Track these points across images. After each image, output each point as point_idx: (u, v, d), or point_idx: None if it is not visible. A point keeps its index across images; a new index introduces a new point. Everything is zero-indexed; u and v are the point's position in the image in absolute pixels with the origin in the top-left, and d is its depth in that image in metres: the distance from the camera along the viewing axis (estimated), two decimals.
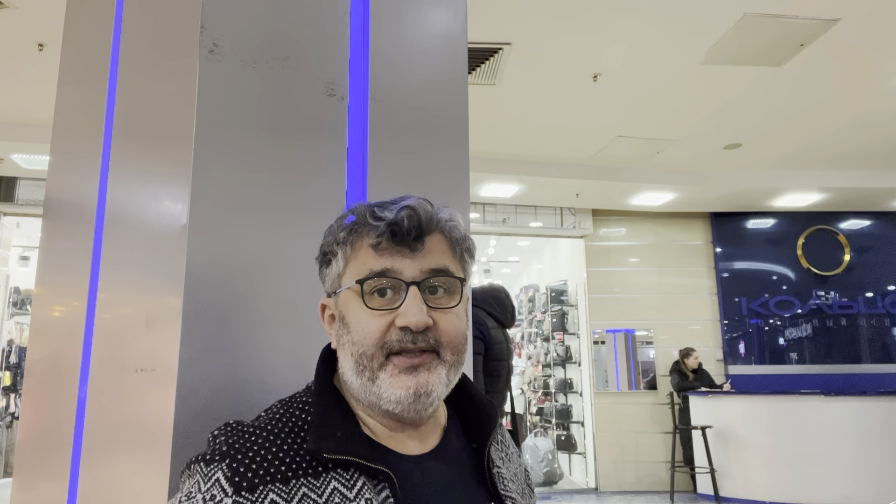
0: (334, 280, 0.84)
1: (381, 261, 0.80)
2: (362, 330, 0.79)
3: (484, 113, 5.59)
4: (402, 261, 0.80)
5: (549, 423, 8.82)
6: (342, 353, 0.82)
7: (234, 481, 0.72)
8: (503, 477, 0.88)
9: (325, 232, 0.88)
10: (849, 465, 6.30)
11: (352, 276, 0.81)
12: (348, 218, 0.84)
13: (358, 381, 0.79)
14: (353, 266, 0.82)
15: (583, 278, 8.20)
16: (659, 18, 4.17)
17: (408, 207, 0.80)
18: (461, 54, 1.35)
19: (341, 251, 0.83)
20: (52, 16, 3.98)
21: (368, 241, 0.81)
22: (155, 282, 1.10)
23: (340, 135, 1.17)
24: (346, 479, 0.76)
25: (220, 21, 1.09)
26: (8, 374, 7.66)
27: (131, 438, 1.09)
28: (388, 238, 0.79)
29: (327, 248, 0.85)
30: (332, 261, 0.84)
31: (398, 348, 0.78)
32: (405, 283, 0.79)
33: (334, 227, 0.85)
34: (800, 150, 6.58)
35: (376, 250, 0.80)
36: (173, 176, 1.08)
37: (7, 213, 7.01)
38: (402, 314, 0.78)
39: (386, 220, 0.79)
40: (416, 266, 0.80)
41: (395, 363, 0.78)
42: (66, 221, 1.58)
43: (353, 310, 0.81)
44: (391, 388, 0.78)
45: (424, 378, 0.78)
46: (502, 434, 0.97)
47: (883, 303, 8.19)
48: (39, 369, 1.59)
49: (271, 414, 0.82)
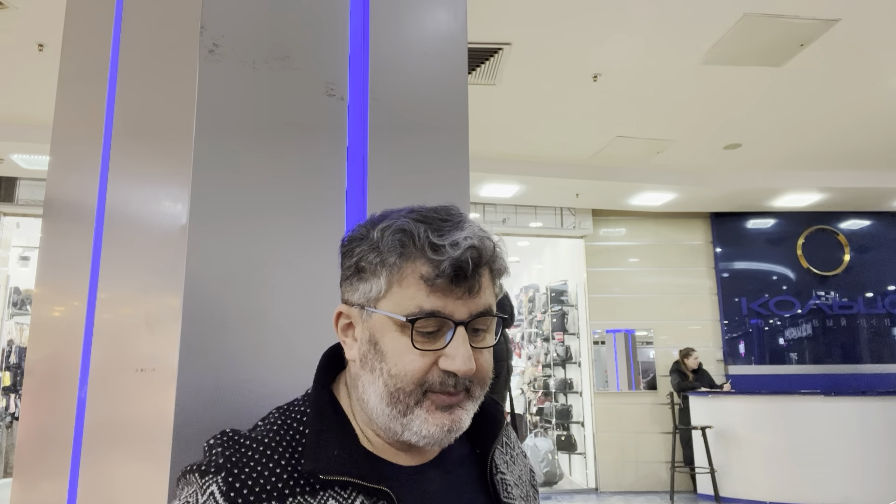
0: (368, 300, 0.77)
1: (432, 299, 0.74)
2: (404, 366, 0.75)
3: (484, 113, 5.59)
4: (455, 302, 0.75)
5: (549, 423, 8.82)
6: (367, 376, 0.78)
7: (229, 496, 0.71)
8: (507, 483, 0.87)
9: (356, 234, 0.80)
10: (849, 465, 6.30)
11: (395, 306, 0.75)
12: (393, 234, 0.76)
13: (386, 410, 0.76)
14: (399, 294, 0.75)
15: (583, 278, 8.20)
16: (659, 18, 4.17)
17: (473, 248, 0.74)
18: (461, 54, 1.35)
19: (387, 274, 0.75)
20: (52, 16, 3.98)
21: (421, 272, 0.74)
22: (155, 282, 1.10)
23: (340, 135, 1.17)
24: (344, 497, 0.74)
25: (220, 21, 1.09)
26: (8, 374, 7.66)
27: (131, 438, 1.09)
28: (447, 278, 0.73)
29: (366, 262, 0.77)
30: (371, 279, 0.77)
31: (438, 388, 0.75)
32: (454, 322, 0.75)
33: (375, 238, 0.77)
34: (800, 150, 6.58)
35: (429, 286, 0.74)
36: (173, 176, 1.08)
37: (7, 213, 7.01)
38: (450, 358, 0.74)
39: (448, 256, 0.73)
40: (466, 308, 0.75)
41: (432, 400, 0.75)
42: (66, 221, 1.58)
43: (393, 341, 0.75)
44: (425, 424, 0.75)
45: (458, 415, 0.77)
46: (507, 436, 0.95)
47: (883, 303, 8.19)
48: (39, 369, 1.59)
49: (268, 425, 0.80)
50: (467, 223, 0.77)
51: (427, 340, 0.75)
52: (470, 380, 0.77)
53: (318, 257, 1.11)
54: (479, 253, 0.75)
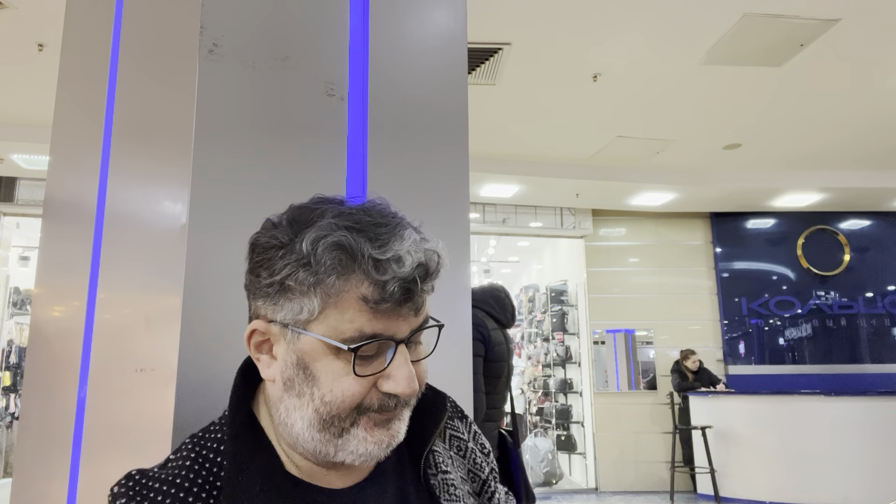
0: (296, 319, 0.68)
1: (374, 323, 0.67)
2: (341, 393, 0.68)
3: (484, 113, 5.59)
4: (398, 322, 0.68)
5: (549, 423, 8.82)
6: (294, 401, 0.70)
7: None
8: (448, 482, 0.81)
9: (278, 242, 0.70)
10: (849, 465, 6.30)
11: (332, 330, 0.67)
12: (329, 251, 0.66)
13: (317, 436, 0.69)
14: (335, 317, 0.67)
15: (583, 278, 8.20)
16: (659, 19, 4.17)
17: (420, 266, 0.67)
18: (461, 54, 1.35)
19: (321, 295, 0.66)
20: (52, 16, 3.98)
21: (363, 292, 0.66)
22: (155, 282, 1.10)
23: (340, 135, 1.17)
24: None
25: (220, 21, 1.09)
26: (8, 374, 7.66)
27: (131, 438, 1.09)
28: (394, 301, 0.66)
29: (294, 281, 0.67)
30: (300, 299, 0.67)
31: (377, 408, 0.70)
32: (395, 342, 0.69)
33: (306, 252, 0.67)
34: (800, 150, 6.58)
35: (372, 310, 0.66)
36: (173, 176, 1.08)
37: (7, 213, 7.01)
38: (392, 380, 0.68)
39: (394, 276, 0.66)
40: (408, 326, 0.69)
41: (369, 417, 0.70)
42: (66, 221, 1.58)
43: (327, 365, 0.68)
44: (363, 443, 0.70)
45: (396, 428, 0.72)
46: (455, 427, 0.87)
47: (883, 303, 8.18)
48: (39, 369, 1.59)
49: (181, 460, 0.72)
50: (404, 227, 0.70)
51: (367, 364, 0.68)
52: (405, 401, 0.72)
53: None
54: (426, 270, 0.68)
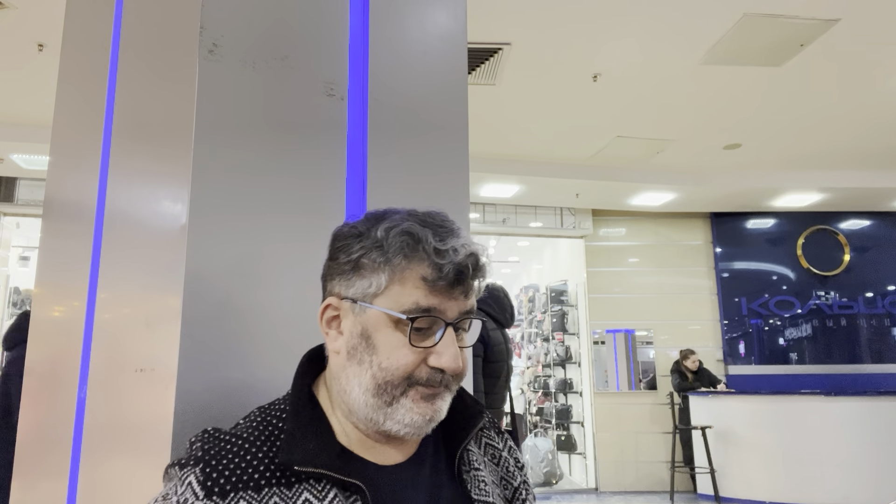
0: (364, 293, 0.80)
1: (430, 298, 0.78)
2: (396, 360, 0.78)
3: (484, 113, 5.59)
4: (449, 302, 0.79)
5: (549, 423, 8.82)
6: (354, 368, 0.80)
7: (207, 486, 0.73)
8: (479, 479, 0.87)
9: (355, 230, 0.83)
10: (849, 465, 6.30)
11: (393, 302, 0.78)
12: (399, 235, 0.79)
13: (371, 401, 0.79)
14: (397, 292, 0.79)
15: (583, 278, 8.20)
16: (659, 19, 4.17)
17: (473, 255, 0.80)
18: (461, 54, 1.35)
19: (389, 272, 0.79)
20: (52, 16, 3.98)
21: (423, 272, 0.78)
22: (155, 282, 1.10)
23: (340, 135, 1.17)
24: (318, 490, 0.76)
25: (220, 21, 1.09)
26: None
27: (131, 438, 1.09)
28: (447, 281, 0.78)
29: (368, 259, 0.80)
30: (370, 276, 0.80)
31: (424, 382, 0.79)
32: (445, 323, 0.79)
33: (379, 237, 0.80)
34: (800, 150, 6.58)
35: (429, 286, 0.78)
36: (173, 176, 1.08)
37: (7, 213, 7.01)
38: (440, 356, 0.79)
39: (451, 261, 0.78)
40: (458, 308, 0.80)
41: (417, 391, 0.79)
42: (66, 221, 1.58)
43: (387, 336, 0.79)
44: (409, 413, 0.79)
45: (439, 405, 0.81)
46: (491, 437, 0.96)
47: (883, 303, 8.18)
48: (39, 369, 1.59)
49: (248, 422, 0.83)
50: (461, 231, 0.83)
51: (420, 338, 0.79)
52: (449, 380, 0.81)
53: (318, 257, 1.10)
54: (477, 261, 0.80)
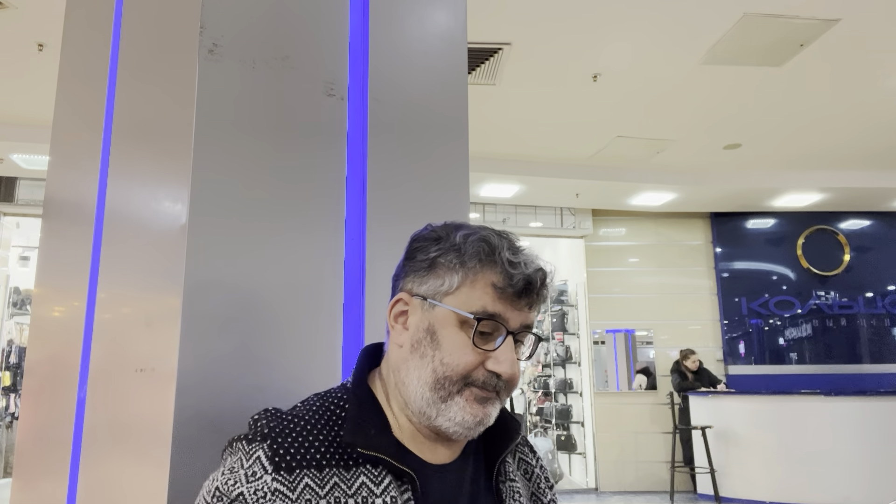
0: (436, 291, 0.85)
1: (497, 304, 0.83)
2: (458, 358, 0.82)
3: (484, 113, 5.59)
4: (513, 311, 0.84)
5: (548, 423, 8.82)
6: (416, 361, 0.84)
7: (274, 461, 0.77)
8: (515, 491, 0.90)
9: (434, 234, 0.88)
10: (849, 465, 6.30)
11: (462, 303, 0.83)
12: (477, 242, 0.85)
13: (427, 394, 0.83)
14: (467, 293, 0.83)
15: (583, 278, 8.20)
16: (659, 18, 4.17)
17: (542, 271, 0.85)
18: (461, 54, 1.35)
19: (462, 273, 0.84)
20: (52, 16, 3.98)
21: (494, 279, 0.83)
22: (155, 282, 1.10)
23: (340, 135, 1.17)
24: (374, 475, 0.80)
25: (220, 21, 1.09)
26: (8, 374, 7.66)
27: (131, 438, 1.09)
28: (515, 290, 0.83)
29: (444, 259, 0.85)
30: (445, 275, 0.85)
31: (480, 384, 0.83)
32: (507, 331, 0.83)
33: (458, 242, 0.85)
34: (800, 150, 6.58)
35: (498, 293, 0.83)
36: (173, 176, 1.08)
37: (7, 213, 7.01)
38: (498, 361, 0.82)
39: (521, 272, 0.83)
40: (520, 319, 0.85)
41: (472, 392, 0.83)
42: (66, 221, 1.58)
43: (452, 334, 0.83)
44: (461, 412, 0.82)
45: (489, 410, 0.84)
46: (525, 453, 1.00)
47: (883, 303, 8.18)
48: (39, 369, 1.59)
49: (308, 405, 0.86)
50: (531, 251, 0.89)
51: (482, 341, 0.83)
52: (502, 386, 0.84)
53: (318, 256, 1.11)
54: (544, 277, 0.86)
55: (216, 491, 0.77)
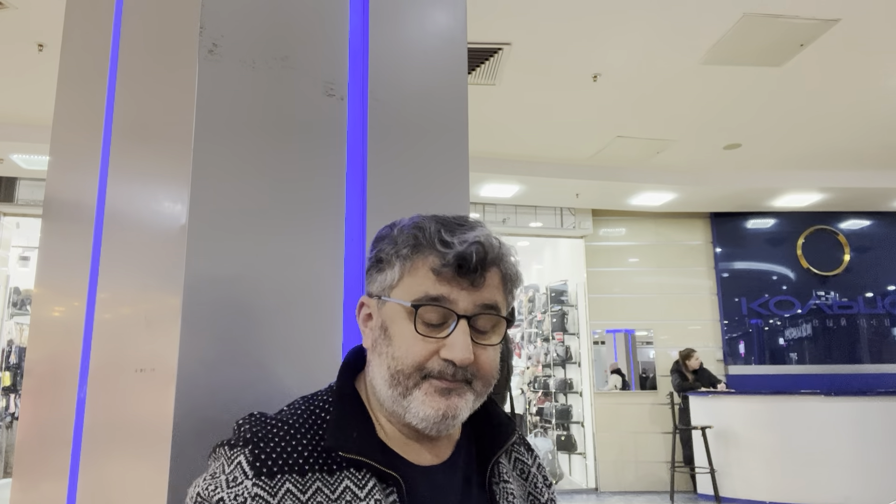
0: (384, 288, 0.84)
1: (438, 287, 0.80)
2: (406, 349, 0.80)
3: (484, 113, 5.59)
4: (459, 292, 0.80)
5: (548, 423, 8.82)
6: (376, 360, 0.84)
7: (255, 466, 0.76)
8: (508, 492, 0.89)
9: (381, 233, 0.88)
10: (849, 465, 6.30)
11: (405, 293, 0.81)
12: (410, 230, 0.83)
13: (388, 392, 0.82)
14: (409, 283, 0.81)
15: (583, 278, 8.20)
16: (659, 19, 4.18)
17: (478, 243, 0.80)
18: (461, 54, 1.35)
19: (399, 264, 0.82)
20: (52, 16, 3.98)
21: (430, 263, 0.81)
22: (155, 282, 1.10)
23: (340, 135, 1.17)
24: (358, 478, 0.79)
25: (220, 21, 1.09)
26: (8, 374, 7.66)
27: (131, 438, 1.09)
28: (452, 268, 0.80)
29: (384, 254, 0.84)
30: (387, 269, 0.84)
31: (437, 375, 0.80)
32: (457, 315, 0.80)
33: (395, 235, 0.84)
34: (800, 150, 6.57)
35: (437, 276, 0.80)
36: (173, 176, 1.08)
37: (7, 213, 7.01)
38: (449, 347, 0.79)
39: (454, 250, 0.79)
40: (471, 299, 0.81)
41: (430, 384, 0.80)
42: (66, 221, 1.58)
43: (400, 326, 0.82)
44: (422, 406, 0.80)
45: (455, 402, 0.81)
46: (520, 452, 0.97)
47: (883, 303, 8.18)
48: (39, 369, 1.59)
49: (293, 409, 0.85)
50: (480, 227, 0.84)
51: (430, 329, 0.80)
52: (472, 373, 0.81)
53: (318, 257, 1.11)
54: (484, 249, 0.80)
55: (197, 497, 0.76)
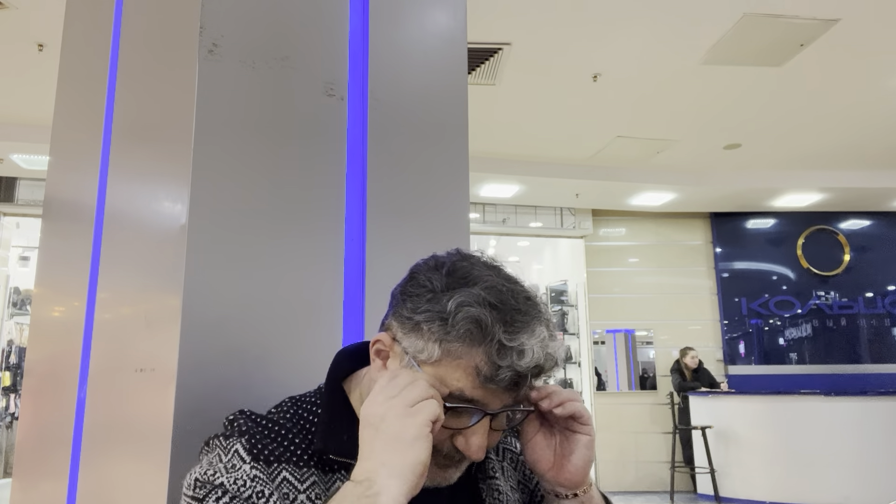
0: (417, 353, 0.76)
1: (476, 391, 0.74)
2: None
3: (484, 113, 5.58)
4: (495, 399, 0.76)
5: None
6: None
7: (253, 453, 0.76)
8: (494, 489, 0.88)
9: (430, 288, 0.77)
10: (849, 465, 6.30)
11: (439, 379, 0.74)
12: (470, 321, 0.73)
13: None
14: (446, 370, 0.74)
15: (583, 278, 8.19)
16: (659, 18, 4.17)
17: (538, 365, 0.74)
18: (461, 54, 1.35)
19: (443, 349, 0.74)
20: (52, 16, 3.98)
21: (479, 364, 0.73)
22: (155, 282, 1.10)
23: (340, 135, 1.17)
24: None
25: (220, 21, 1.09)
26: (8, 374, 7.65)
27: (131, 438, 1.09)
28: (499, 383, 0.73)
29: (428, 327, 0.75)
30: (427, 342, 0.75)
31: (444, 452, 0.77)
32: (484, 412, 0.76)
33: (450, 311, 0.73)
34: (800, 149, 6.57)
35: (480, 381, 0.73)
36: (173, 176, 1.08)
37: (7, 213, 7.00)
38: (467, 443, 0.76)
39: (511, 365, 0.72)
40: (501, 402, 0.77)
41: (434, 459, 0.75)
42: (66, 221, 1.58)
43: None
44: None
45: (451, 474, 0.80)
46: (507, 443, 0.96)
47: (883, 303, 8.18)
48: (39, 369, 1.59)
49: (281, 410, 0.85)
50: (538, 323, 0.75)
51: (452, 418, 0.75)
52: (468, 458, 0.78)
53: (318, 257, 1.11)
54: (540, 370, 0.75)
55: (195, 482, 0.74)
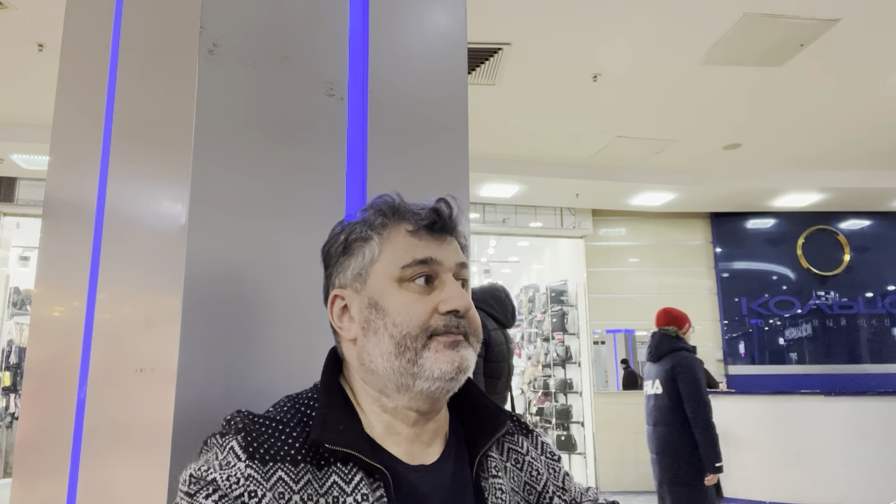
0: (363, 268, 0.85)
1: (421, 249, 0.83)
2: (406, 313, 0.81)
3: (484, 113, 5.58)
4: (440, 250, 0.84)
5: (549, 423, 8.81)
6: (373, 339, 0.83)
7: (248, 451, 0.76)
8: (496, 488, 0.86)
9: (339, 229, 0.90)
10: (849, 465, 6.29)
11: (390, 262, 0.84)
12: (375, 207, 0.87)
13: (396, 363, 0.81)
14: (390, 252, 0.84)
15: (583, 278, 8.19)
16: (659, 18, 4.17)
17: (442, 200, 0.86)
18: (461, 54, 1.35)
19: (377, 237, 0.85)
20: (52, 16, 3.98)
21: (406, 227, 0.84)
22: (155, 282, 1.10)
23: (340, 135, 1.17)
24: (345, 473, 0.78)
25: (220, 21, 1.09)
26: (8, 374, 7.66)
27: (131, 438, 1.09)
28: (427, 226, 0.84)
29: (356, 235, 0.86)
30: (363, 248, 0.86)
31: (443, 331, 0.82)
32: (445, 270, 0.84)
33: (362, 217, 0.88)
34: (800, 150, 6.57)
35: (415, 237, 0.84)
36: (173, 176, 1.08)
37: (7, 213, 7.00)
38: (448, 300, 0.82)
39: (427, 207, 0.84)
40: (451, 258, 0.85)
41: (439, 340, 0.81)
42: (66, 221, 1.58)
43: (392, 296, 0.83)
44: (437, 363, 0.80)
45: (464, 353, 0.82)
46: (514, 441, 0.94)
47: (883, 303, 8.18)
48: (39, 369, 1.59)
49: (279, 407, 0.85)
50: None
51: (424, 289, 0.83)
52: (466, 327, 0.83)
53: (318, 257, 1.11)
54: (449, 206, 0.86)
55: (190, 478, 0.75)
